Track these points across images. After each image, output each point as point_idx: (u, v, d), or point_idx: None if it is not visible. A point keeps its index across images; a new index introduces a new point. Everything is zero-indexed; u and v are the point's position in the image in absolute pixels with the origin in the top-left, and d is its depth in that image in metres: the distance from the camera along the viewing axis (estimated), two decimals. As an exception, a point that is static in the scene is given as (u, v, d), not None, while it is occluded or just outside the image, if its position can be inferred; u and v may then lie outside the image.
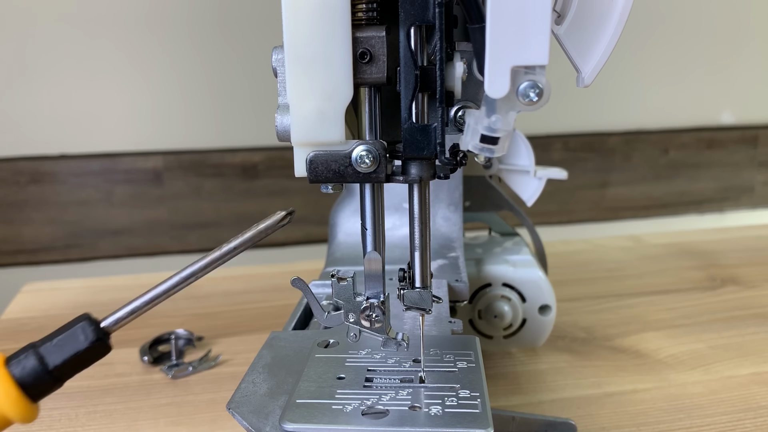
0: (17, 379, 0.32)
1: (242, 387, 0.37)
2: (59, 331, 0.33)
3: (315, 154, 0.33)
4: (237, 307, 0.73)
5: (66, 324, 0.33)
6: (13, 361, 0.33)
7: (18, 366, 0.32)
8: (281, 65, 0.32)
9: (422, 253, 0.36)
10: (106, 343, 0.33)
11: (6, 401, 0.32)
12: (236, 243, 0.33)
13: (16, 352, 0.33)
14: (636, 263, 0.85)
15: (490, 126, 0.31)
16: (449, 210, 0.59)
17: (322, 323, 0.36)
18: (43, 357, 0.32)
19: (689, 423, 0.49)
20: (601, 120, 1.14)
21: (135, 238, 1.01)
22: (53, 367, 0.32)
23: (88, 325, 0.33)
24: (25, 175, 0.95)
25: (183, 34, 0.96)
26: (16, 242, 0.97)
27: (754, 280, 0.78)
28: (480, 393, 0.34)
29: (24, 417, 0.32)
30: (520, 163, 0.60)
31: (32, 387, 0.32)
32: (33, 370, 0.32)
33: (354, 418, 0.33)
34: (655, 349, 0.61)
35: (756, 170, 1.21)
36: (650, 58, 1.13)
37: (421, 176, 0.34)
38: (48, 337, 0.33)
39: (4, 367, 0.32)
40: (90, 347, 0.33)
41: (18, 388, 0.32)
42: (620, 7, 0.32)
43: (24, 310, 0.73)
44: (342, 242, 0.59)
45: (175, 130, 0.99)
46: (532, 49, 0.29)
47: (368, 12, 0.31)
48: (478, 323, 0.58)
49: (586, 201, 1.16)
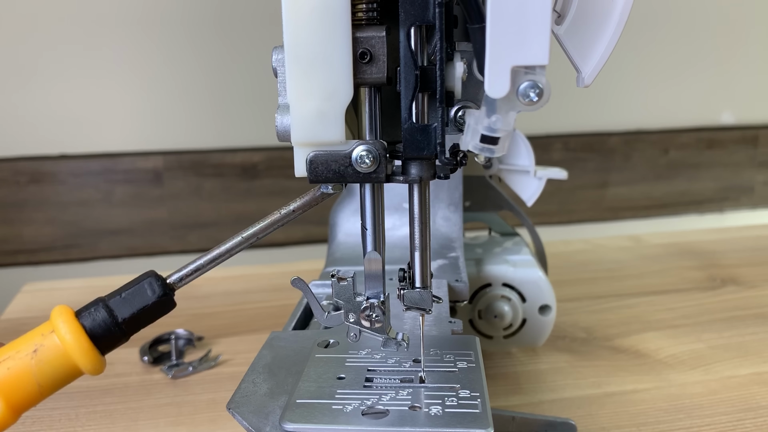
0: (88, 330, 0.33)
1: (242, 387, 0.37)
2: (126, 286, 0.34)
3: (315, 154, 0.33)
4: (237, 307, 0.73)
5: (132, 280, 0.34)
6: (84, 313, 0.33)
7: (89, 318, 0.33)
8: (281, 65, 0.32)
9: (422, 253, 0.36)
10: (171, 297, 0.34)
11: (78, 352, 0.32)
12: (296, 206, 0.35)
13: (86, 306, 0.33)
14: (636, 263, 0.85)
15: (490, 126, 0.31)
16: (449, 210, 0.59)
17: (322, 323, 0.36)
18: (112, 310, 0.33)
19: (689, 423, 0.49)
20: (601, 120, 1.14)
21: (135, 238, 1.01)
22: (122, 320, 0.33)
23: (155, 280, 0.34)
24: (25, 175, 0.95)
25: (183, 34, 0.96)
26: (16, 242, 0.97)
27: (754, 280, 0.78)
28: (480, 393, 0.34)
29: (95, 368, 0.33)
30: (520, 163, 0.60)
31: (102, 339, 0.33)
32: (103, 322, 0.33)
33: (354, 418, 0.33)
34: (655, 349, 0.61)
35: (756, 170, 1.21)
36: (650, 58, 1.13)
37: (421, 176, 0.34)
38: (116, 291, 0.34)
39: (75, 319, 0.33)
40: (157, 301, 0.34)
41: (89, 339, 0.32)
42: (620, 7, 0.32)
43: (24, 310, 0.73)
44: (342, 242, 0.59)
45: (175, 130, 0.99)
46: (532, 49, 0.29)
47: (368, 12, 0.31)
48: (478, 323, 0.58)
49: (586, 201, 1.16)
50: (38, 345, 0.33)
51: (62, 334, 0.32)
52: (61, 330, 0.32)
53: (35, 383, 0.32)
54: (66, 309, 0.33)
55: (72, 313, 0.33)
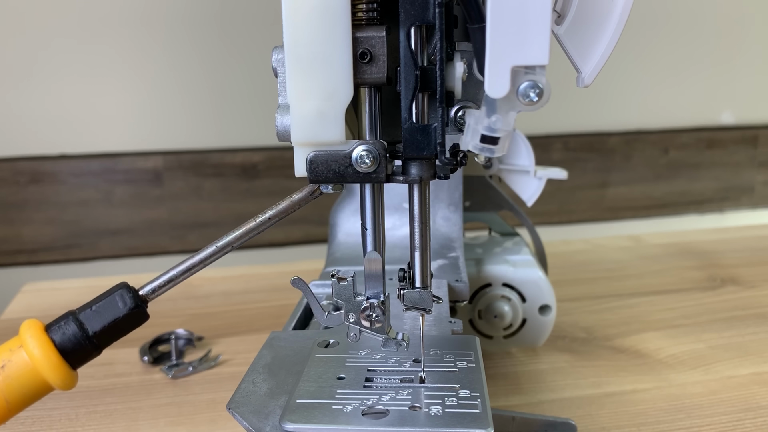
0: (58, 345, 0.32)
1: (242, 387, 0.37)
2: (98, 298, 0.33)
3: (315, 154, 0.33)
4: (237, 307, 0.73)
5: (104, 292, 0.33)
6: (53, 327, 0.32)
7: (59, 332, 0.32)
8: (281, 65, 0.32)
9: (422, 253, 0.36)
10: (143, 310, 0.33)
11: (47, 367, 0.32)
12: (271, 213, 0.34)
13: (56, 320, 0.33)
14: (636, 263, 0.85)
15: (490, 126, 0.31)
16: (449, 210, 0.59)
17: (322, 323, 0.36)
18: (82, 323, 0.32)
19: (689, 423, 0.49)
20: (601, 120, 1.14)
21: (135, 238, 1.01)
22: (93, 334, 0.32)
23: (126, 292, 0.33)
24: (25, 175, 0.95)
25: (183, 34, 0.96)
26: (16, 242, 0.97)
27: (754, 280, 0.78)
28: (480, 393, 0.34)
29: (64, 383, 0.32)
30: (520, 163, 0.60)
31: (72, 353, 0.32)
32: (73, 336, 0.32)
33: (354, 418, 0.33)
34: (655, 349, 0.61)
35: (756, 170, 1.21)
36: (650, 58, 1.13)
37: (421, 176, 0.34)
38: (87, 304, 0.33)
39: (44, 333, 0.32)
40: (129, 314, 0.33)
41: (59, 354, 0.32)
42: (620, 7, 0.32)
43: (24, 310, 0.73)
44: (342, 242, 0.59)
45: (175, 130, 0.99)
46: (532, 49, 0.29)
47: (368, 12, 0.31)
48: (478, 323, 0.58)
49: (586, 201, 1.16)
50: (5, 361, 0.32)
51: (30, 349, 0.32)
52: (30, 345, 0.32)
53: (3, 400, 0.32)
54: (35, 323, 0.33)
55: (41, 327, 0.33)
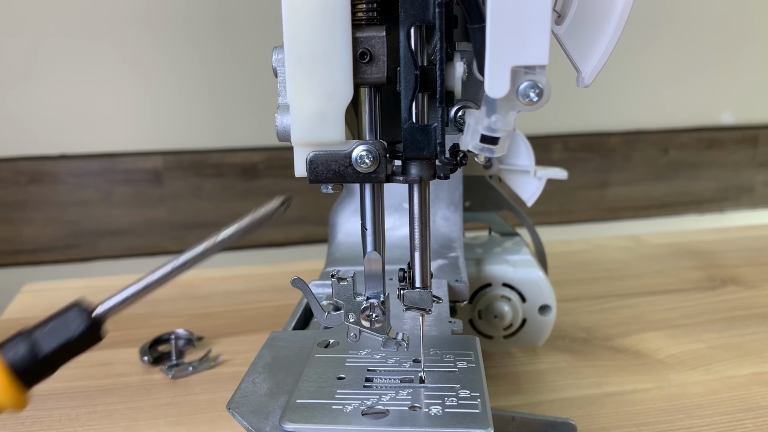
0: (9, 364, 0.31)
1: (242, 387, 0.37)
2: (53, 316, 0.32)
3: (315, 154, 0.33)
4: (237, 307, 0.73)
5: (59, 310, 0.33)
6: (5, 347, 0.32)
7: (10, 352, 0.31)
8: (281, 65, 0.32)
9: (422, 253, 0.36)
10: (97, 331, 0.32)
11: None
12: (231, 231, 0.33)
13: (8, 338, 0.32)
14: (636, 263, 0.85)
15: (490, 126, 0.31)
16: (449, 210, 0.59)
17: (322, 323, 0.36)
18: (35, 343, 0.32)
19: (689, 423, 0.49)
20: (601, 120, 1.14)
21: (135, 238, 1.01)
22: (45, 354, 0.31)
23: (79, 312, 0.32)
24: (25, 175, 0.95)
25: (183, 34, 0.96)
26: (16, 242, 0.97)
27: (754, 280, 0.78)
28: (480, 393, 0.34)
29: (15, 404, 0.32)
30: (520, 163, 0.60)
31: (24, 373, 0.31)
32: (25, 357, 0.31)
33: (354, 418, 0.33)
34: (655, 349, 0.61)
35: (756, 170, 1.21)
36: (650, 58, 1.13)
37: (421, 176, 0.34)
38: (43, 321, 0.32)
39: None
40: (81, 335, 0.32)
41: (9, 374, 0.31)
42: (620, 7, 0.32)
43: (24, 310, 0.73)
44: (342, 242, 0.59)
45: (175, 130, 0.99)
46: (532, 49, 0.29)
47: (368, 12, 0.31)
48: (478, 323, 0.58)
49: (586, 201, 1.16)
50: None
51: None
52: None
53: None
54: None
55: None
